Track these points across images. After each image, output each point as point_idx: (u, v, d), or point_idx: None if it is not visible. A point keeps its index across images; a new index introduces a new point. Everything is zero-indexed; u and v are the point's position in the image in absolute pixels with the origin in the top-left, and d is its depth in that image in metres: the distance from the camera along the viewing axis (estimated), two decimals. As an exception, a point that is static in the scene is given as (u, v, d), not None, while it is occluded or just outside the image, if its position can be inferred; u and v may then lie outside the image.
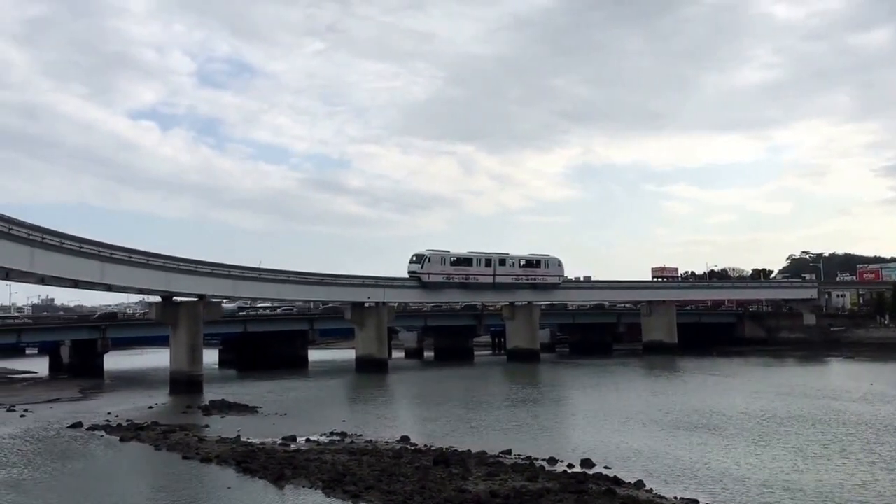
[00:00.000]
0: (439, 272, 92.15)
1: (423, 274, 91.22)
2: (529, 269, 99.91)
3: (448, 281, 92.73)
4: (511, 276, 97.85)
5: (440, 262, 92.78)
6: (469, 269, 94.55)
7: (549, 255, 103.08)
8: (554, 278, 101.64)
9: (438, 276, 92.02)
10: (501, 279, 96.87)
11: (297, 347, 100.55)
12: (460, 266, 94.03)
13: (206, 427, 46.25)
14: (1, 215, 48.17)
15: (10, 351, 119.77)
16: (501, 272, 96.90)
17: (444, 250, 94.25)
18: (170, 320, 69.26)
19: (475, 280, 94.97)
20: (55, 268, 54.35)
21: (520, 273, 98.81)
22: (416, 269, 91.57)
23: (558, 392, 65.16)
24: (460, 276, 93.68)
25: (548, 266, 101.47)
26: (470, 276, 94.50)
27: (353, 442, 39.40)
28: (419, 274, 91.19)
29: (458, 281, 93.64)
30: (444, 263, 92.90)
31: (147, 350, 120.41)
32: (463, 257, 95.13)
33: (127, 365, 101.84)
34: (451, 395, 62.58)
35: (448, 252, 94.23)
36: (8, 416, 52.71)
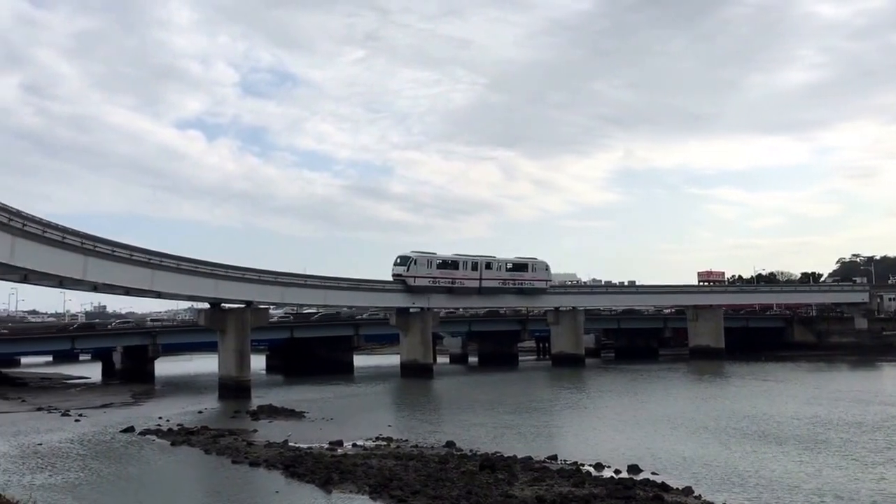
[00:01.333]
0: (425, 275, 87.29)
1: (409, 277, 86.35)
2: (516, 273, 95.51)
3: (434, 285, 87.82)
4: (498, 280, 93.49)
5: (426, 264, 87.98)
6: (455, 273, 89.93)
7: (536, 258, 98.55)
8: (541, 283, 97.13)
9: (424, 280, 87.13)
10: (488, 283, 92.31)
11: (342, 353, 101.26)
12: (446, 269, 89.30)
13: (255, 432, 46.83)
14: (55, 225, 49.46)
15: (65, 357, 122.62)
16: (488, 276, 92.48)
17: (430, 252, 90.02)
18: (218, 326, 70.27)
19: (461, 284, 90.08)
20: (107, 275, 55.57)
21: (507, 277, 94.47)
22: (402, 271, 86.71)
23: (604, 397, 64.65)
24: (446, 280, 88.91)
25: (535, 270, 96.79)
26: (456, 280, 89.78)
27: (399, 447, 39.55)
28: (404, 277, 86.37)
29: (444, 285, 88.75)
30: (430, 266, 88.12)
31: (196, 356, 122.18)
32: (449, 260, 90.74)
33: (176, 370, 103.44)
34: (495, 400, 62.47)
35: (434, 254, 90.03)
36: (63, 420, 54.01)
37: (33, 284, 56.24)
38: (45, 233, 46.69)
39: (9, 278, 52.70)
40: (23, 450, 41.14)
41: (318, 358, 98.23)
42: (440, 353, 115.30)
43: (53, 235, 47.85)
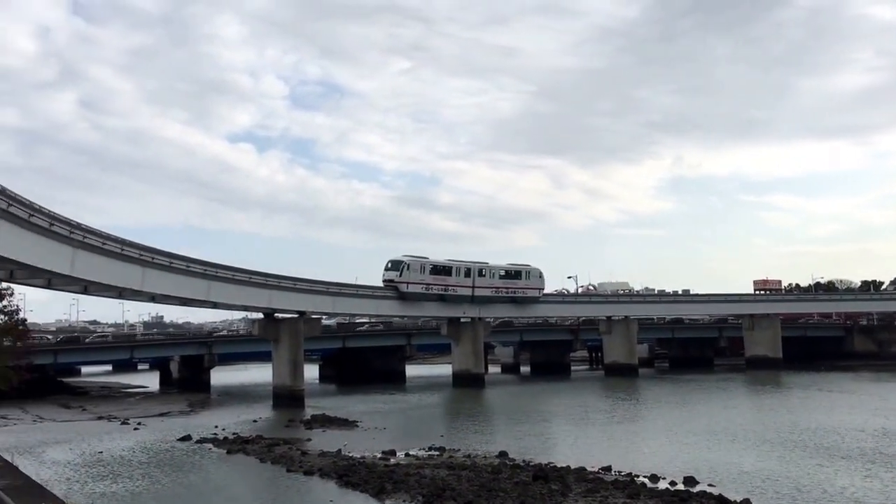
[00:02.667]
0: (418, 281, 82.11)
1: (402, 283, 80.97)
2: (509, 281, 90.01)
3: (427, 292, 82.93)
4: (491, 288, 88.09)
5: (419, 269, 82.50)
6: (448, 280, 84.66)
7: (529, 264, 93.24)
8: (534, 291, 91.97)
9: (417, 286, 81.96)
10: (480, 292, 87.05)
11: (394, 362, 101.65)
12: (439, 276, 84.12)
13: (309, 441, 47.17)
14: (114, 237, 50.57)
15: (124, 366, 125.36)
16: (481, 284, 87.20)
17: (423, 257, 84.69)
18: (272, 336, 71.08)
19: (454, 292, 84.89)
20: (165, 286, 56.60)
21: (499, 285, 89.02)
22: (393, 276, 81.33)
23: (659, 408, 63.68)
24: (439, 287, 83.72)
25: (528, 278, 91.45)
26: (449, 286, 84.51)
27: (452, 457, 39.42)
28: (396, 283, 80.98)
29: (437, 292, 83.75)
30: (423, 272, 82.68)
31: (251, 365, 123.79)
32: (442, 265, 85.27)
33: (232, 380, 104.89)
34: (548, 410, 62.07)
35: (427, 259, 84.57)
36: (123, 429, 55.15)
37: (93, 295, 57.56)
38: (104, 245, 47.74)
39: (70, 289, 54.03)
40: (85, 458, 42.10)
41: (370, 367, 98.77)
42: (492, 363, 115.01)
43: (113, 247, 48.90)
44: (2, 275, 41.64)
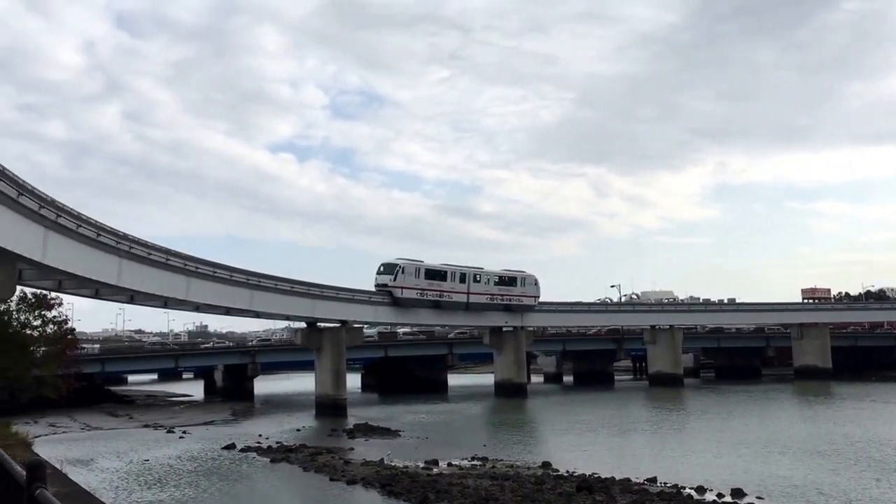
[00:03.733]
0: (413, 286, 76.87)
1: (396, 288, 75.67)
2: (504, 288, 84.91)
3: (421, 297, 77.64)
4: (486, 294, 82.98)
5: (414, 273, 77.38)
6: (443, 285, 79.58)
7: (524, 271, 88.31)
8: (530, 299, 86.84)
9: (412, 291, 76.85)
10: (475, 298, 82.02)
11: (436, 372, 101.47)
12: (434, 280, 78.93)
13: (351, 450, 47.15)
14: (159, 247, 51.22)
15: (169, 375, 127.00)
16: (476, 290, 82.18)
17: (418, 260, 79.69)
18: (314, 345, 71.38)
19: (448, 298, 79.77)
20: (208, 296, 57.19)
21: (495, 292, 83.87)
22: (387, 281, 76.09)
23: (705, 418, 62.56)
24: (434, 293, 78.64)
25: (524, 285, 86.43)
26: (444, 292, 79.49)
27: (495, 467, 39.10)
28: (390, 287, 75.67)
29: (432, 298, 78.61)
30: (418, 276, 77.60)
31: (293, 374, 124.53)
32: (436, 270, 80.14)
33: (275, 389, 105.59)
34: (592, 420, 61.31)
35: (422, 262, 79.52)
36: (168, 437, 55.71)
37: (139, 305, 58.39)
38: (150, 255, 48.36)
39: (116, 299, 54.86)
40: (132, 465, 42.55)
41: (412, 376, 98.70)
42: (534, 373, 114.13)
43: (157, 257, 49.52)
44: (50, 285, 42.36)
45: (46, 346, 40.95)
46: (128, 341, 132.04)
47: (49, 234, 35.02)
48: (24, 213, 32.01)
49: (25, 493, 4.97)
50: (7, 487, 5.91)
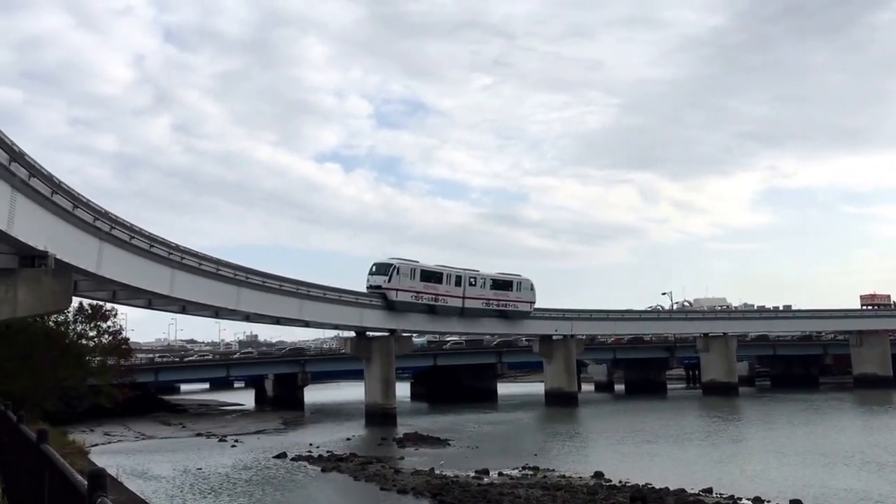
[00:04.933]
0: (408, 288, 71.16)
1: (390, 289, 69.98)
2: (500, 292, 79.34)
3: (416, 301, 71.94)
4: (481, 299, 77.47)
5: (409, 274, 71.70)
6: (438, 288, 73.89)
7: (520, 274, 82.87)
8: (525, 305, 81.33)
9: (407, 294, 71.04)
10: (471, 303, 76.62)
11: (486, 380, 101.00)
12: (429, 283, 73.31)
13: (401, 459, 47.03)
14: (210, 257, 51.72)
15: (221, 384, 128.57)
16: (471, 294, 76.67)
17: (413, 260, 74.51)
18: (363, 354, 71.46)
19: (444, 303, 74.27)
20: (259, 305, 57.57)
21: (490, 296, 78.31)
22: (381, 282, 70.38)
23: (761, 428, 61.03)
24: (429, 296, 73.00)
25: (519, 289, 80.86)
26: (439, 296, 73.83)
27: (546, 476, 38.64)
28: (385, 289, 70.00)
29: (427, 302, 72.96)
30: (413, 277, 71.87)
31: (343, 383, 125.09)
32: (432, 271, 74.59)
33: (324, 398, 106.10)
34: (644, 430, 60.26)
35: (417, 263, 74.24)
36: (221, 445, 56.21)
37: (191, 315, 59.03)
38: (201, 265, 48.83)
39: (169, 309, 55.54)
40: (186, 474, 42.97)
41: (461, 385, 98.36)
42: (585, 381, 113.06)
43: (209, 267, 49.99)
44: (105, 295, 43.01)
45: (102, 355, 41.61)
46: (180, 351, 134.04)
47: (103, 245, 35.49)
48: (79, 226, 32.48)
49: (86, 502, 5.03)
50: (68, 497, 5.97)
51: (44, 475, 7.17)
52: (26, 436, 8.93)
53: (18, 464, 10.11)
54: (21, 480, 9.68)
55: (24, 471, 9.10)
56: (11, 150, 25.70)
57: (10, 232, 25.98)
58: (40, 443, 7.50)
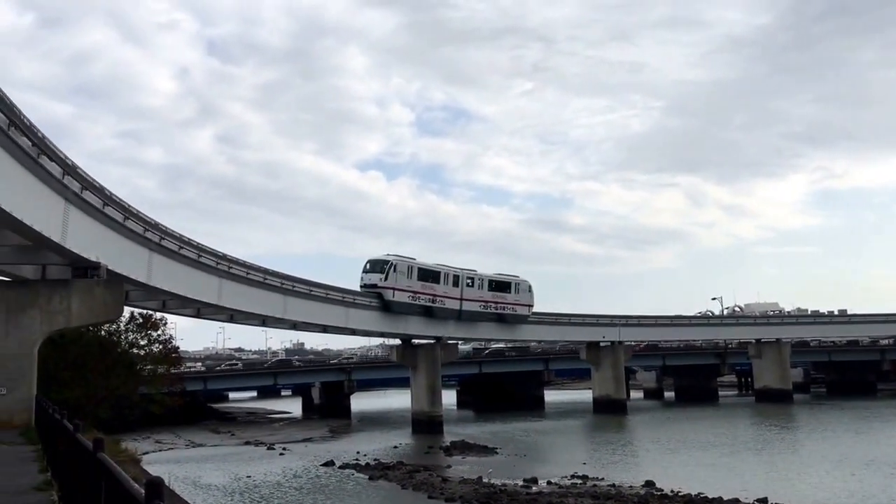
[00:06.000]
0: (405, 287, 65.97)
1: (387, 289, 64.93)
2: (498, 294, 74.60)
3: (413, 302, 66.73)
4: (479, 301, 72.74)
5: (407, 273, 66.53)
6: (436, 288, 68.93)
7: (518, 276, 78.37)
8: (524, 308, 76.89)
9: (404, 294, 65.82)
10: (469, 305, 71.82)
11: (532, 388, 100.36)
12: (427, 282, 68.33)
13: (449, 467, 46.77)
14: (257, 266, 52.14)
15: (268, 392, 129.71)
16: (469, 296, 71.93)
17: (410, 257, 69.12)
18: (409, 362, 71.45)
19: (441, 304, 69.24)
20: (304, 313, 57.88)
21: (488, 298, 73.60)
22: (376, 280, 65.26)
23: (819, 436, 59.48)
24: (427, 297, 67.93)
25: (518, 291, 76.18)
26: (437, 297, 68.85)
27: (596, 486, 38.14)
28: (380, 288, 64.95)
29: (424, 303, 67.88)
30: (410, 276, 66.71)
31: (389, 391, 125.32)
32: (430, 270, 69.52)
33: (371, 406, 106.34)
34: (696, 438, 59.22)
35: (414, 260, 68.91)
36: (269, 454, 56.53)
37: (238, 323, 59.56)
38: (248, 274, 49.25)
39: (217, 318, 56.11)
40: (235, 482, 43.26)
41: (508, 393, 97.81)
42: (633, 388, 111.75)
43: (256, 277, 50.41)
44: (155, 305, 43.58)
45: (153, 364, 42.19)
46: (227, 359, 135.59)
47: (153, 255, 35.95)
48: (130, 237, 32.95)
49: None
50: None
51: (100, 484, 7.16)
52: (83, 444, 8.93)
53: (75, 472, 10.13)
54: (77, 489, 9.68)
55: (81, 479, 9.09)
56: (65, 164, 26.15)
57: (65, 244, 26.42)
58: (97, 451, 7.47)
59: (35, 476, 15.47)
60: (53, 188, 25.50)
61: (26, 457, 19.06)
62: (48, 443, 17.97)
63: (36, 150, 23.74)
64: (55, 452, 14.98)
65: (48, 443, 17.97)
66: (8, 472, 16.17)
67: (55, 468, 14.82)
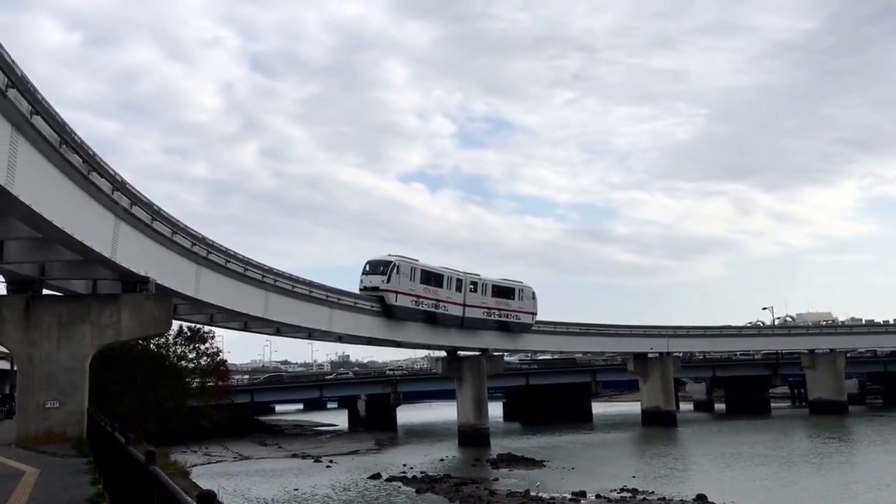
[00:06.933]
0: (407, 291, 60.55)
1: (389, 291, 59.22)
2: (501, 300, 69.84)
3: (416, 307, 61.30)
4: (483, 308, 67.80)
5: (410, 275, 61.12)
6: (439, 293, 63.80)
7: (521, 281, 73.69)
8: (528, 316, 72.24)
9: (407, 298, 60.31)
10: (472, 312, 66.79)
11: (580, 400, 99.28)
12: (430, 285, 63.11)
13: (496, 480, 46.41)
14: (303, 279, 52.33)
15: (314, 405, 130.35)
16: (472, 301, 66.97)
17: (412, 258, 63.79)
18: (455, 374, 71.18)
19: (444, 310, 64.04)
20: (350, 326, 57.96)
21: (492, 305, 68.67)
22: (378, 282, 59.61)
23: (878, 449, 57.81)
24: (429, 302, 62.64)
25: (521, 298, 71.56)
26: (440, 302, 63.72)
27: (646, 499, 37.63)
28: (382, 291, 59.21)
29: (427, 308, 62.49)
30: (413, 278, 61.42)
31: (435, 403, 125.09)
32: (432, 272, 64.40)
33: (417, 418, 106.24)
34: (748, 451, 57.90)
35: (417, 261, 63.71)
36: (316, 466, 56.67)
37: (285, 336, 59.90)
38: (294, 287, 49.46)
39: (264, 331, 56.50)
40: (283, 494, 43.42)
41: (555, 405, 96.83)
42: (683, 400, 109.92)
43: (302, 290, 50.58)
44: (203, 318, 43.98)
45: (201, 377, 42.55)
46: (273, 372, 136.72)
47: (201, 269, 36.28)
48: (178, 251, 33.29)
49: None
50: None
51: (153, 496, 7.15)
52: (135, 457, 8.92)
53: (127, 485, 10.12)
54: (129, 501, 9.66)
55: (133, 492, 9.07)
56: (114, 180, 26.50)
57: (115, 259, 26.76)
58: (149, 464, 7.44)
59: (87, 488, 15.57)
60: (103, 204, 25.85)
61: (79, 469, 19.24)
62: (100, 455, 18.12)
63: (86, 167, 24.07)
64: (107, 465, 15.08)
65: (100, 455, 18.12)
66: (61, 485, 16.32)
67: (107, 480, 14.90)
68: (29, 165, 19.92)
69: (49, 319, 28.29)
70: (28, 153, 19.92)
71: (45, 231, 22.74)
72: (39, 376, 27.93)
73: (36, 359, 28.02)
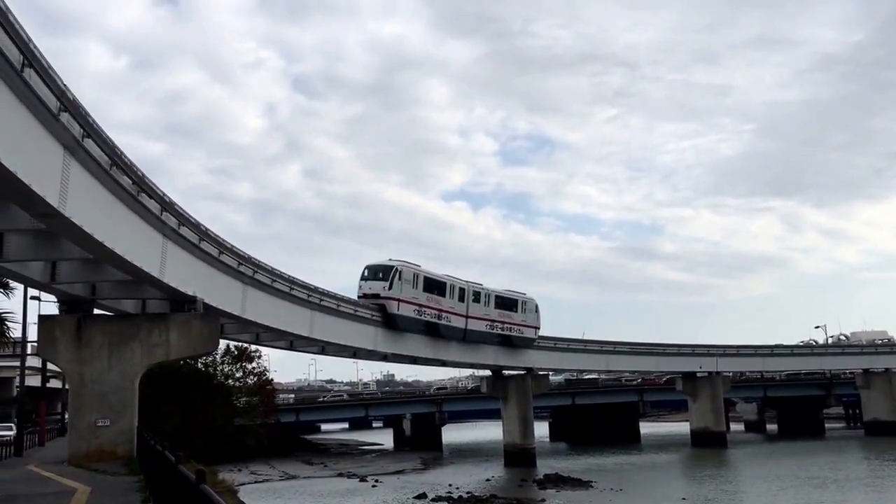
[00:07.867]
0: (410, 299, 55.45)
1: (391, 300, 53.90)
2: (504, 312, 65.64)
3: (418, 317, 56.38)
4: (485, 320, 63.49)
5: (412, 282, 56.01)
6: (441, 302, 58.92)
7: (525, 293, 69.78)
8: (530, 330, 68.17)
9: (409, 307, 55.25)
10: (474, 324, 62.32)
11: (627, 420, 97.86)
12: (432, 294, 58.14)
13: (542, 501, 45.86)
14: (347, 298, 52.42)
15: (360, 424, 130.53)
16: (475, 313, 62.49)
17: (414, 263, 58.54)
18: (500, 394, 70.70)
19: (447, 322, 59.24)
20: (395, 345, 57.91)
21: (494, 317, 64.42)
22: (378, 289, 54.26)
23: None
24: (432, 311, 57.74)
25: (524, 311, 67.59)
26: (443, 312, 58.87)
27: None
28: (384, 299, 53.84)
29: (429, 319, 57.55)
30: (416, 286, 56.32)
31: (480, 423, 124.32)
32: (436, 280, 59.49)
33: (462, 437, 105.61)
34: (803, 473, 56.31)
35: (419, 267, 58.64)
36: (362, 486, 56.49)
37: (330, 355, 60.08)
38: (339, 307, 49.57)
39: (309, 350, 56.71)
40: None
41: (601, 425, 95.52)
42: (733, 421, 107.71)
43: (346, 309, 50.69)
44: (249, 338, 44.30)
45: (247, 396, 42.82)
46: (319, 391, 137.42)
47: (247, 289, 36.53)
48: (224, 271, 33.56)
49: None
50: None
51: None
52: (185, 476, 8.89)
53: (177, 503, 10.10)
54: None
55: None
56: (162, 201, 26.85)
57: (163, 278, 27.05)
58: (199, 483, 7.37)
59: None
60: (152, 224, 26.18)
61: (130, 487, 19.37)
62: (150, 473, 18.21)
63: (136, 188, 24.42)
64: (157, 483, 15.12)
65: (150, 473, 18.21)
66: (112, 503, 16.39)
67: (157, 499, 14.93)
68: (81, 187, 20.22)
69: (100, 339, 28.72)
70: (80, 175, 20.23)
71: (96, 252, 23.06)
72: (91, 395, 28.33)
73: (87, 377, 28.43)
